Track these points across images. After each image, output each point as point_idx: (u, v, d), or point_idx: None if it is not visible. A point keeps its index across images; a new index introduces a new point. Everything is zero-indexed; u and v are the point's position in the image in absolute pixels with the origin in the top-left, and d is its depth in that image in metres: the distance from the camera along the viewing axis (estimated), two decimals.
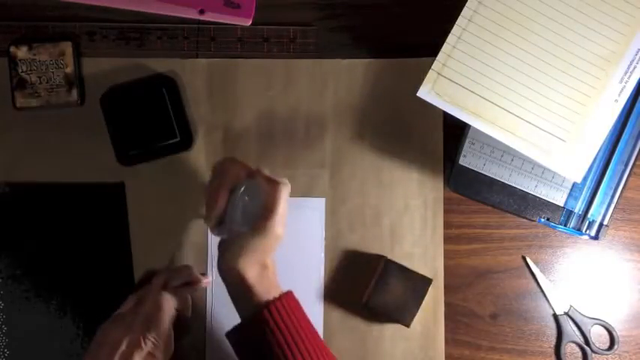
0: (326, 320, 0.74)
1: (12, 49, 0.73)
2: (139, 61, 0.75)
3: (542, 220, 0.73)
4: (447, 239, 0.76)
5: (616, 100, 0.67)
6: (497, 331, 0.76)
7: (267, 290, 0.62)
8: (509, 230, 0.76)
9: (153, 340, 0.65)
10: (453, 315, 0.75)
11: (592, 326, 0.76)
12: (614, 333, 0.75)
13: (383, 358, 0.75)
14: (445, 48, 0.67)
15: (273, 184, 0.63)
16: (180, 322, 0.70)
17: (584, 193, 0.73)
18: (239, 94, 0.76)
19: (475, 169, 0.73)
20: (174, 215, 0.75)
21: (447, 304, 0.75)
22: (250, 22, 0.75)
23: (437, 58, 0.67)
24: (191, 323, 0.73)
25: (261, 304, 0.61)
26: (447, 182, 0.74)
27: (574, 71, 0.67)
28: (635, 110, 0.72)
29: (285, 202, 0.63)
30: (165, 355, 0.66)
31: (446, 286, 0.75)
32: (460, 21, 0.67)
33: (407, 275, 0.71)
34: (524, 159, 0.72)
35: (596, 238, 0.73)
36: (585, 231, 0.73)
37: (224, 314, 0.74)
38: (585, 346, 0.75)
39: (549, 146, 0.67)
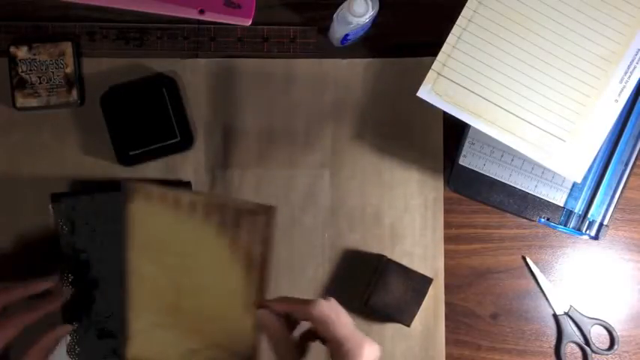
0: None
1: (12, 49, 0.73)
2: (139, 61, 0.75)
3: (542, 220, 0.73)
4: (447, 239, 0.76)
5: (616, 100, 0.67)
6: (497, 331, 0.76)
7: None
8: (509, 230, 0.76)
9: None
10: (454, 315, 0.75)
11: (592, 326, 0.76)
12: (614, 333, 0.75)
13: (383, 357, 0.74)
14: (445, 48, 0.68)
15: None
16: None
17: (584, 193, 0.73)
18: (239, 94, 0.76)
19: (475, 169, 0.73)
20: None
21: (447, 304, 0.75)
22: (250, 22, 0.75)
23: (437, 58, 0.67)
24: None
25: None
26: (447, 182, 0.74)
27: (574, 71, 0.67)
28: (635, 110, 0.72)
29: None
30: None
31: (446, 286, 0.75)
32: (460, 21, 0.68)
33: (407, 275, 0.71)
34: (524, 159, 0.72)
35: (596, 238, 0.73)
36: (585, 231, 0.73)
37: None
38: (585, 346, 0.75)
39: (549, 146, 0.67)
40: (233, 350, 0.67)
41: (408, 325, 0.71)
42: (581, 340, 0.75)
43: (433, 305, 0.74)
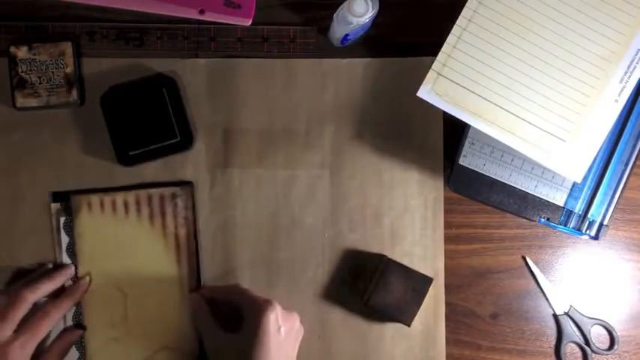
0: (326, 320, 0.74)
1: (12, 49, 0.73)
2: (139, 61, 0.75)
3: (542, 220, 0.73)
4: (447, 239, 0.76)
5: (616, 100, 0.67)
6: (497, 331, 0.76)
7: None
8: (509, 230, 0.76)
9: None
10: (454, 315, 0.75)
11: (592, 326, 0.76)
12: (614, 333, 0.75)
13: (383, 357, 0.75)
14: (445, 48, 0.68)
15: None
16: None
17: (584, 193, 0.73)
18: (239, 94, 0.76)
19: (475, 169, 0.73)
20: None
21: (447, 304, 0.75)
22: (250, 22, 0.75)
23: (437, 58, 0.67)
24: None
25: None
26: (447, 182, 0.74)
27: (574, 71, 0.67)
28: (635, 110, 0.72)
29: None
30: None
31: (446, 286, 0.75)
32: (460, 21, 0.68)
33: (407, 274, 0.71)
34: (524, 159, 0.72)
35: (596, 238, 0.73)
36: (585, 231, 0.73)
37: None
38: (585, 346, 0.75)
39: (549, 146, 0.67)
40: (180, 349, 0.71)
41: (409, 325, 0.71)
42: (581, 340, 0.75)
43: (433, 305, 0.74)
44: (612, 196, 0.73)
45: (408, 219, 0.75)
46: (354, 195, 0.75)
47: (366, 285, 0.74)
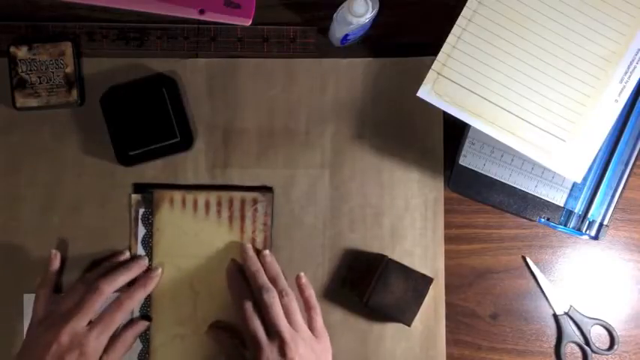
0: (326, 320, 0.74)
1: (12, 49, 0.73)
2: (139, 61, 0.75)
3: (542, 220, 0.73)
4: (448, 239, 0.76)
5: (616, 100, 0.67)
6: (497, 331, 0.76)
7: None
8: (509, 230, 0.76)
9: None
10: (454, 315, 0.75)
11: (592, 326, 0.76)
12: (614, 333, 0.75)
13: (384, 357, 0.75)
14: (445, 48, 0.68)
15: None
16: None
17: (584, 193, 0.73)
18: (239, 94, 0.76)
19: (475, 169, 0.73)
20: None
21: (447, 304, 0.75)
22: (250, 22, 0.75)
23: (437, 58, 0.68)
24: None
25: None
26: (447, 182, 0.74)
27: (574, 71, 0.67)
28: (635, 110, 0.72)
29: None
30: None
31: (446, 286, 0.75)
32: (460, 21, 0.68)
33: (408, 274, 0.71)
34: (524, 159, 0.72)
35: (596, 238, 0.73)
36: (585, 231, 0.73)
37: None
38: (585, 346, 0.75)
39: (549, 146, 0.67)
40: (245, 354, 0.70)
41: (409, 325, 0.71)
42: (581, 340, 0.75)
43: (433, 305, 0.74)
44: (612, 196, 0.73)
45: (408, 219, 0.75)
46: (354, 195, 0.75)
47: (366, 285, 0.74)
